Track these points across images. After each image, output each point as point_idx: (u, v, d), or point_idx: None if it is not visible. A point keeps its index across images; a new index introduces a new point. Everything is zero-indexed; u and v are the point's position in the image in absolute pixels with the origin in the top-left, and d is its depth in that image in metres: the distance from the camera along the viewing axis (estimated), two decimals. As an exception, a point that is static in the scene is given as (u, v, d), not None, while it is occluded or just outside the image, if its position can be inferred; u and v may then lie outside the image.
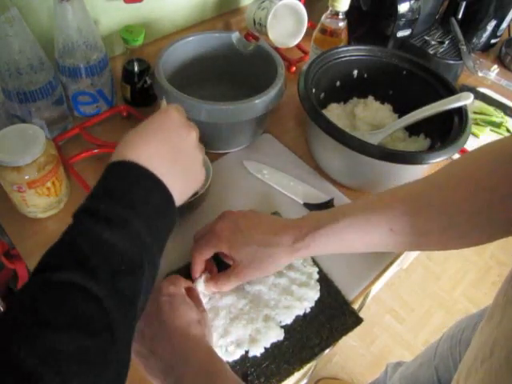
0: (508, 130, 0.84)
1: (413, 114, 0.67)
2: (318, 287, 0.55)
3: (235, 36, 0.74)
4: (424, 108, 0.66)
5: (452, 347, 0.72)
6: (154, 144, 0.39)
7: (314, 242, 0.47)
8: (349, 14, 0.77)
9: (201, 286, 0.52)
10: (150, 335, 0.43)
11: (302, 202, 0.65)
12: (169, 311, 0.44)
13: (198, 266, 0.52)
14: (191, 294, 0.49)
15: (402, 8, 0.81)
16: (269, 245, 0.48)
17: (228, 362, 0.49)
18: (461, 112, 0.64)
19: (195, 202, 0.59)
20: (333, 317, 0.54)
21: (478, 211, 0.42)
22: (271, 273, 0.52)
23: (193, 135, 0.43)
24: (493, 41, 1.02)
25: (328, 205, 0.64)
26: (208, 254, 0.51)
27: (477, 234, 0.44)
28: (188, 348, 0.42)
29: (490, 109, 0.87)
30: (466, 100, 0.63)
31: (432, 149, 0.69)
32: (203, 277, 0.52)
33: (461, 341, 0.71)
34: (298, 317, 0.53)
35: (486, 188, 0.42)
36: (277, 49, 0.79)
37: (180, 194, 0.41)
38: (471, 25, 0.95)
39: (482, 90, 0.91)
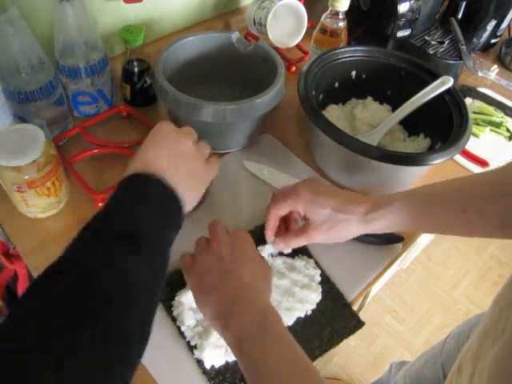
0: (508, 130, 0.84)
1: (403, 107, 0.68)
2: (320, 289, 0.55)
3: (235, 36, 0.74)
4: (412, 99, 0.67)
5: (459, 344, 0.70)
6: (162, 154, 0.43)
7: (388, 213, 0.50)
8: (349, 14, 0.77)
9: (271, 243, 0.55)
10: (217, 270, 0.44)
11: (302, 202, 0.65)
12: (241, 254, 0.46)
13: (273, 221, 0.54)
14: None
15: (402, 8, 0.81)
16: (343, 211, 0.50)
17: (229, 363, 0.49)
18: (461, 112, 0.64)
19: (195, 202, 0.59)
20: (334, 319, 0.53)
21: None
22: (338, 240, 0.53)
23: (188, 139, 0.47)
24: (493, 41, 1.02)
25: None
26: (285, 209, 0.53)
27: None
28: (249, 294, 0.43)
29: (490, 109, 0.87)
30: (449, 83, 0.66)
31: (432, 150, 0.68)
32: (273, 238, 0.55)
33: (469, 338, 0.70)
34: (299, 319, 0.53)
35: None
36: (277, 49, 0.78)
37: (190, 190, 0.45)
38: (471, 25, 0.95)
39: (481, 89, 0.91)
